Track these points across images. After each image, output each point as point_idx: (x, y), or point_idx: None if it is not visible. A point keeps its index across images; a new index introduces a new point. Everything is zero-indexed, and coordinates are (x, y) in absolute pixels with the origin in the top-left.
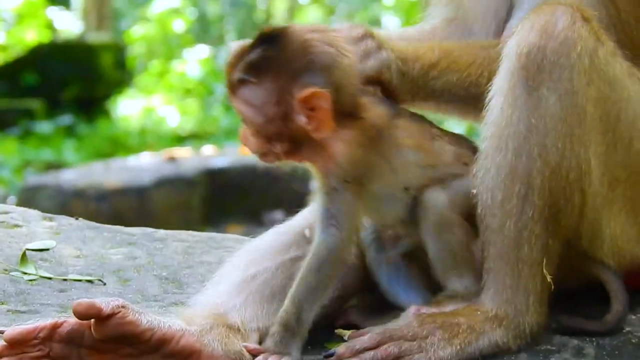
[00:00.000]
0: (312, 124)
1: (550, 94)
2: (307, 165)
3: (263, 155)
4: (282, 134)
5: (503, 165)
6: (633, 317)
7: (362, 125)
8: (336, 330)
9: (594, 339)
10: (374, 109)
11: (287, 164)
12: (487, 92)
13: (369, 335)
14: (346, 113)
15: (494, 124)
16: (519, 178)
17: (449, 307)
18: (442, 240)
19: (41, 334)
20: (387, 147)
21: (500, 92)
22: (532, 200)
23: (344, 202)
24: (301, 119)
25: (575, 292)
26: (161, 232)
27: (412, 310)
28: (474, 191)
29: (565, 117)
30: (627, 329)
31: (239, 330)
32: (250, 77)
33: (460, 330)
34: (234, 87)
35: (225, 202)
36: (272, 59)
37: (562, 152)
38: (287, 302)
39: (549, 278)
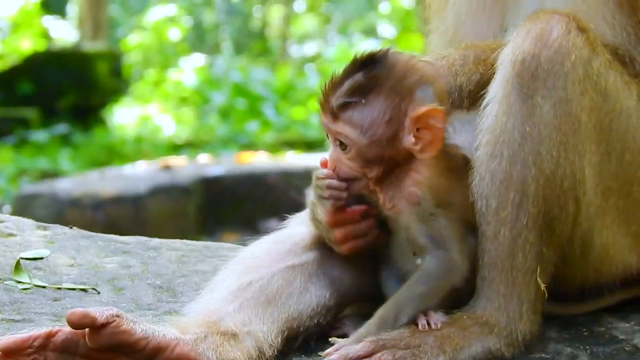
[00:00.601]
0: (420, 144)
1: (544, 102)
2: (383, 198)
3: (353, 181)
4: (383, 156)
5: (497, 172)
6: (627, 325)
7: (444, 154)
8: (330, 339)
9: (587, 346)
10: (456, 138)
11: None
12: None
13: (362, 343)
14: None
15: (489, 130)
16: (514, 185)
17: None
18: None
19: (35, 343)
20: (460, 180)
21: (495, 99)
22: (527, 207)
23: (443, 226)
24: (409, 139)
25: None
26: (155, 241)
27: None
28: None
29: (560, 125)
30: (621, 337)
31: (233, 335)
32: (357, 98)
33: (453, 338)
34: (335, 112)
35: (221, 210)
36: (380, 78)
37: (556, 160)
38: (389, 301)
39: (542, 286)
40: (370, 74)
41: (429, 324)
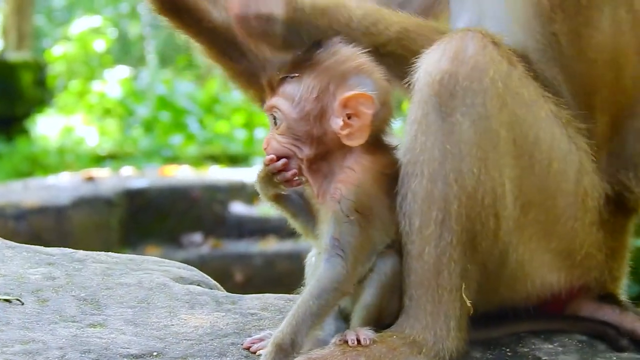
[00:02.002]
0: (347, 130)
1: (464, 120)
2: (315, 188)
3: (285, 160)
4: (311, 135)
5: (419, 191)
6: (550, 346)
7: (383, 160)
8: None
9: None
10: (394, 151)
11: (300, 186)
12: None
13: None
14: (374, 139)
15: (409, 150)
16: (436, 204)
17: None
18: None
19: None
20: (392, 190)
21: (414, 119)
22: (450, 225)
23: (352, 234)
24: (337, 123)
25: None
26: (80, 253)
27: (335, 338)
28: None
29: (480, 142)
30: (544, 358)
31: None
32: (294, 73)
33: (382, 357)
34: (274, 87)
35: (144, 223)
36: (320, 59)
37: (477, 177)
38: (284, 323)
39: (468, 303)
40: (311, 54)
41: (358, 341)
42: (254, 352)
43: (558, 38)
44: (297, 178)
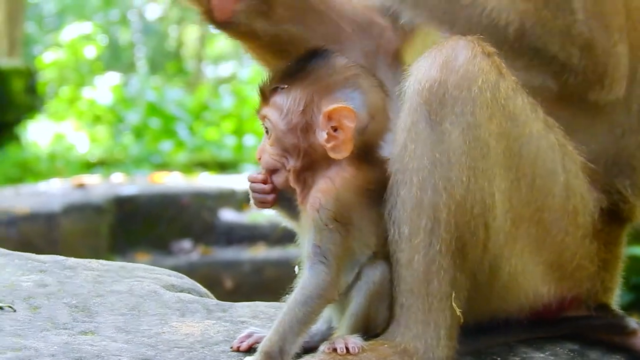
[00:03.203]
0: (332, 142)
1: (453, 128)
2: (300, 197)
3: (273, 171)
4: (298, 147)
5: (408, 199)
6: (541, 355)
7: (367, 174)
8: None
9: None
10: (384, 166)
11: (285, 192)
12: None
13: None
14: (361, 152)
15: (398, 159)
16: (425, 212)
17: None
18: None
19: None
20: (375, 204)
21: (404, 128)
22: (439, 234)
23: (333, 241)
24: (322, 135)
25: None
26: (72, 260)
27: (324, 347)
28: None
29: (469, 150)
30: None
31: None
32: (284, 84)
33: None
34: (266, 96)
35: (133, 230)
36: (309, 70)
37: (466, 186)
38: (271, 331)
39: (458, 311)
40: (302, 64)
41: (347, 349)
42: (246, 350)
43: None
44: (266, 203)
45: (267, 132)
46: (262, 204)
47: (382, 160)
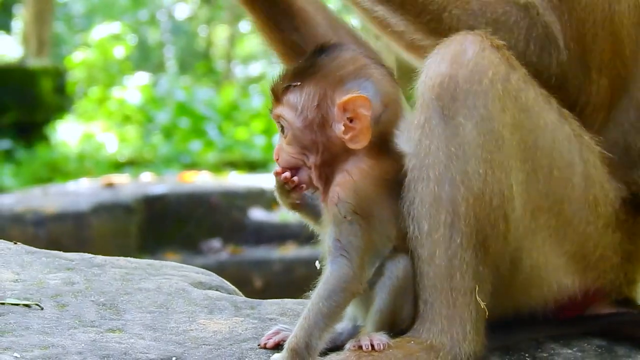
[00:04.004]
0: (349, 133)
1: (466, 122)
2: (323, 193)
3: (294, 170)
4: (317, 143)
5: (426, 194)
6: (569, 351)
7: (384, 165)
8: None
9: None
10: (400, 156)
11: (309, 192)
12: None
13: None
14: (377, 143)
15: (415, 155)
16: (444, 206)
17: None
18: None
19: None
20: (394, 195)
21: (418, 124)
22: (459, 227)
23: (353, 234)
24: (338, 128)
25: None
26: (100, 258)
27: (349, 344)
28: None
29: (484, 143)
30: None
31: None
32: (296, 81)
33: None
34: (279, 95)
35: (163, 229)
36: (320, 65)
37: (484, 178)
38: (297, 327)
39: (482, 305)
40: (312, 61)
41: (372, 346)
42: (273, 347)
43: None
44: (303, 185)
45: (282, 131)
46: (299, 189)
47: (398, 150)
